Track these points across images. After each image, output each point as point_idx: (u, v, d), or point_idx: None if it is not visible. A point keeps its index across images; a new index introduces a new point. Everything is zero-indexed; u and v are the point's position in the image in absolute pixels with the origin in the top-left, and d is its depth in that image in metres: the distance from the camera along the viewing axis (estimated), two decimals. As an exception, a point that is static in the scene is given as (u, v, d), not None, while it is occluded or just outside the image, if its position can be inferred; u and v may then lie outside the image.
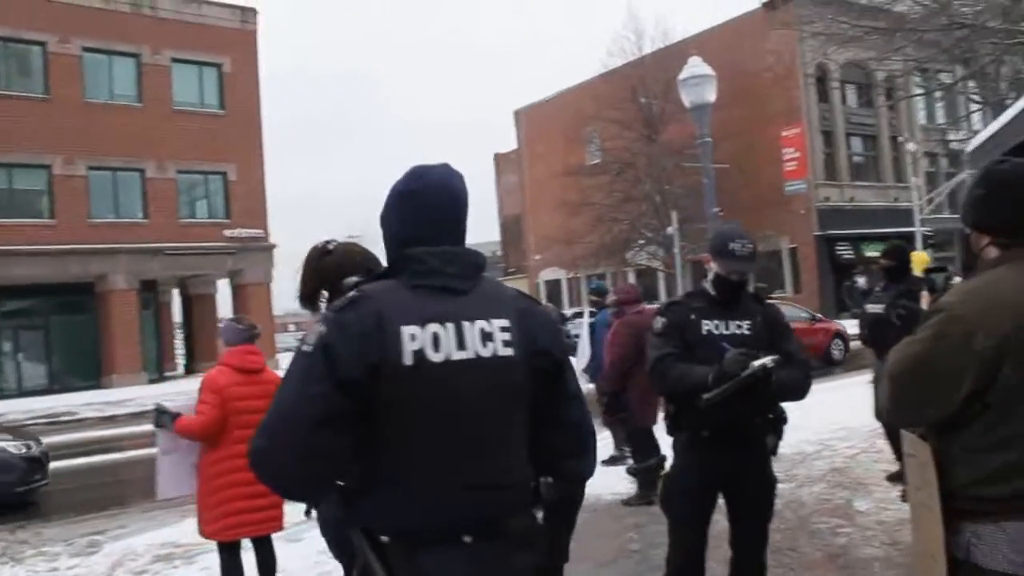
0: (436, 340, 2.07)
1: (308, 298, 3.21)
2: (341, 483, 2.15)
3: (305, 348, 2.05)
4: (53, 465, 12.85)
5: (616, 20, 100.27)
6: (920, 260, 9.75)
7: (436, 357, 2.06)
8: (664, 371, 3.85)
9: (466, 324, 2.11)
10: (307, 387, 2.02)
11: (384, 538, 2.04)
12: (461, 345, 2.09)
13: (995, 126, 5.57)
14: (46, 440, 12.00)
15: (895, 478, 7.03)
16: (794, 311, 21.19)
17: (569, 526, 2.39)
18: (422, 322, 2.07)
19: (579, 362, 10.33)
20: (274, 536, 5.32)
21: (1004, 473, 2.17)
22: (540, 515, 2.22)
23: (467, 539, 2.04)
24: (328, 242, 3.28)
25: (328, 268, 3.15)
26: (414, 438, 2.06)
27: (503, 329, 2.14)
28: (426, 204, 2.23)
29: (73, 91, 29.78)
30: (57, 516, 9.48)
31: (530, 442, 2.22)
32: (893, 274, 7.22)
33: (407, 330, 2.05)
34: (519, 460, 2.18)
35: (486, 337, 2.12)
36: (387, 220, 2.30)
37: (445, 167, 2.31)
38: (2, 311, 29.78)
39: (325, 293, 3.11)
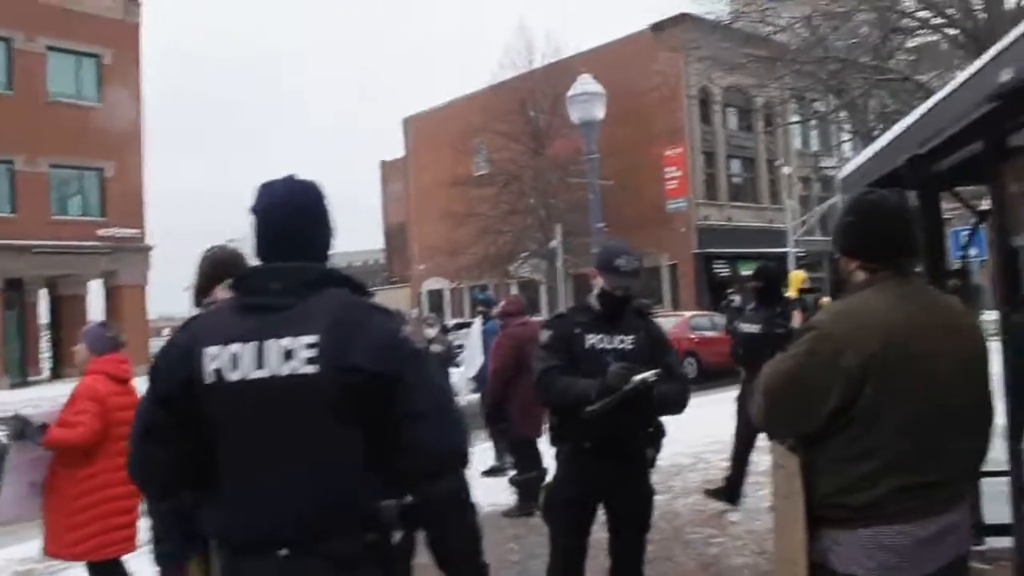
0: (235, 359, 2.12)
1: (196, 301, 3.29)
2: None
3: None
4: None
5: (508, 33, 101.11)
6: (797, 279, 10.14)
7: (233, 376, 2.12)
8: (549, 383, 3.92)
9: (269, 342, 2.11)
10: (142, 402, 2.31)
11: (214, 543, 2.20)
12: (260, 364, 2.11)
13: (863, 157, 5.87)
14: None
15: (722, 493, 7.33)
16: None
17: (454, 551, 2.24)
18: (225, 342, 2.15)
19: (467, 371, 10.38)
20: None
21: (864, 483, 2.31)
22: (396, 537, 2.14)
23: (282, 553, 2.07)
24: (210, 248, 3.32)
25: (201, 273, 3.25)
26: (223, 453, 2.17)
27: (308, 346, 2.09)
28: (265, 221, 2.28)
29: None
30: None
31: (385, 463, 2.13)
32: (763, 295, 7.46)
33: (209, 351, 2.15)
34: (336, 480, 2.09)
35: (288, 355, 2.10)
36: (252, 234, 2.36)
37: (286, 181, 2.32)
38: None
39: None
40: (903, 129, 4.84)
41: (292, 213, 2.27)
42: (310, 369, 2.08)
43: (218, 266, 3.19)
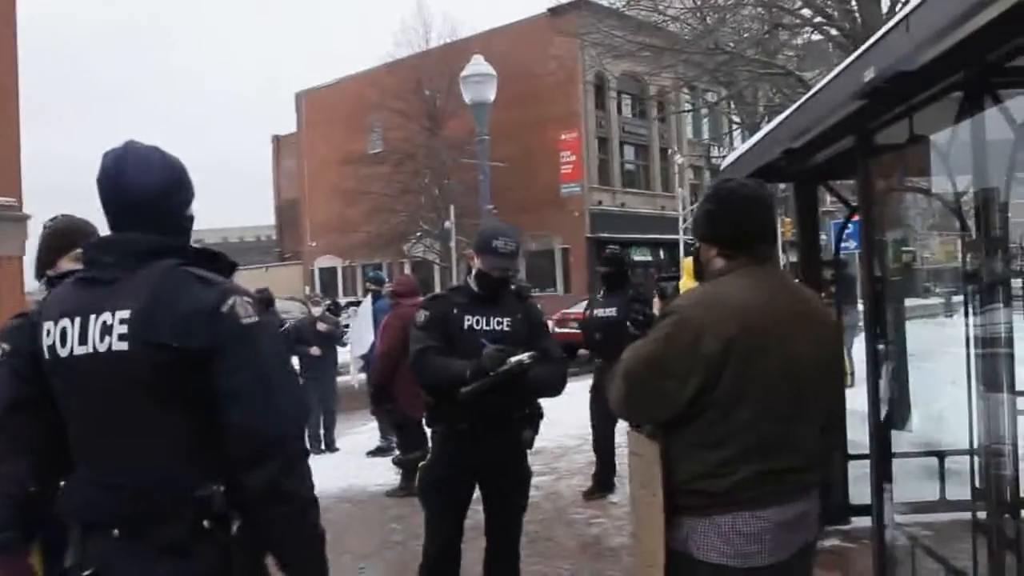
0: (64, 335, 2.09)
1: (36, 275, 3.16)
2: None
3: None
4: None
5: (405, 11, 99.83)
6: (689, 266, 10.41)
7: (63, 352, 2.09)
8: (424, 364, 3.93)
9: (92, 317, 2.06)
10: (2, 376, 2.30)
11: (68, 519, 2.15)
12: (83, 339, 2.06)
13: (743, 148, 6.05)
14: None
15: (596, 490, 7.32)
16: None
17: (285, 549, 2.09)
18: (57, 317, 2.12)
19: (355, 349, 10.29)
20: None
21: (721, 469, 2.35)
22: (236, 525, 2.03)
23: (115, 532, 2.02)
24: (53, 218, 3.18)
25: (42, 244, 3.10)
26: (69, 430, 2.16)
27: (122, 321, 2.02)
28: (102, 190, 2.19)
29: None
30: None
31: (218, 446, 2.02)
32: (612, 280, 7.45)
33: (45, 325, 2.14)
34: (156, 462, 2.01)
35: (105, 331, 2.03)
36: None
37: (124, 148, 2.20)
38: None
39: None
40: (779, 123, 4.99)
41: (128, 182, 2.14)
42: (123, 346, 2.01)
43: (62, 236, 3.06)
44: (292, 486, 2.03)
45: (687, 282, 7.02)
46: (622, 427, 6.86)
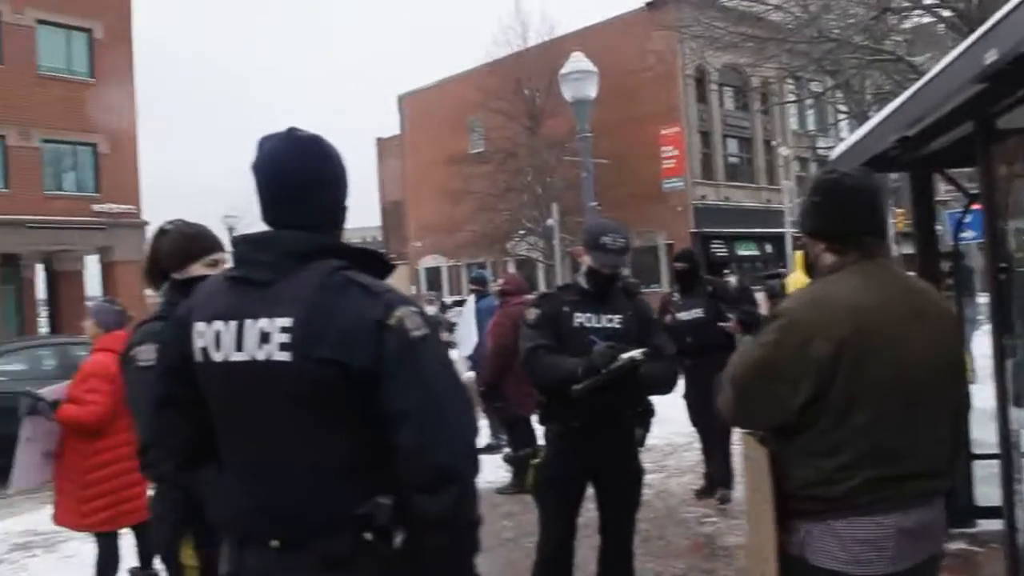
0: (218, 338, 1.95)
1: (148, 278, 3.30)
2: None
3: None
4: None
5: (503, 11, 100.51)
6: (801, 259, 10.05)
7: (217, 356, 1.95)
8: (535, 362, 3.94)
9: (248, 322, 1.91)
10: (154, 372, 2.20)
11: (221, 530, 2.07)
12: (240, 345, 1.92)
13: (854, 137, 5.87)
14: None
15: (704, 493, 7.11)
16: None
17: (446, 567, 1.96)
18: (210, 319, 1.98)
19: (462, 350, 10.38)
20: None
21: (836, 475, 2.25)
22: (399, 539, 1.90)
23: (274, 544, 1.91)
24: (171, 222, 3.25)
25: (158, 249, 3.19)
26: (220, 435, 2.03)
27: (283, 330, 1.87)
28: (259, 179, 2.03)
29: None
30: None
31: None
32: (686, 279, 7.16)
33: (197, 326, 2.00)
34: (316, 476, 1.89)
35: (263, 338, 1.89)
36: None
37: (285, 134, 2.05)
38: None
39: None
40: (893, 110, 4.83)
41: (291, 168, 2.00)
42: (283, 356, 1.87)
43: (196, 241, 3.14)
44: (465, 514, 1.91)
45: (799, 276, 6.83)
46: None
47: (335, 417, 1.88)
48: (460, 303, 23.44)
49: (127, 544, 5.19)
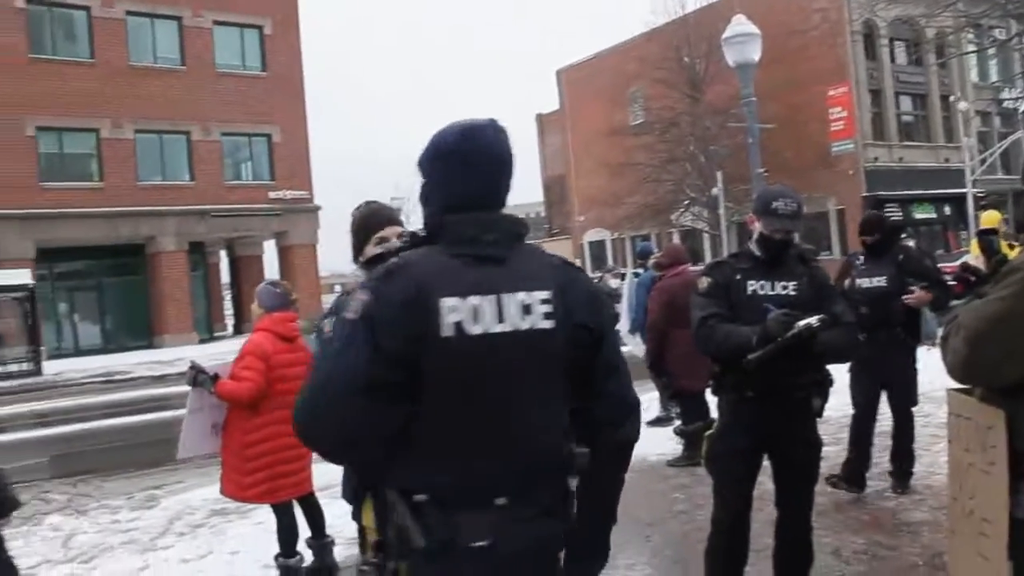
0: (476, 312, 2.04)
1: (356, 258, 3.26)
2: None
3: (348, 316, 2.07)
4: (113, 421, 13.18)
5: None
6: (992, 219, 9.39)
7: (475, 329, 2.04)
8: (709, 332, 3.87)
9: (505, 296, 2.07)
10: (350, 356, 2.04)
11: (420, 497, 2.05)
12: (500, 317, 2.06)
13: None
14: (103, 398, 12.22)
15: (843, 481, 6.37)
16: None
17: (609, 495, 2.34)
18: (463, 294, 2.04)
19: (623, 323, 10.35)
20: (321, 494, 5.46)
21: None
22: (573, 484, 2.20)
23: (499, 502, 2.06)
24: (369, 202, 3.34)
25: (356, 226, 3.22)
26: (451, 407, 2.06)
27: (543, 301, 2.10)
28: (475, 167, 2.16)
29: (118, 54, 30.13)
30: (116, 471, 9.75)
31: (571, 413, 2.20)
32: (875, 246, 6.38)
33: (447, 302, 2.03)
34: (554, 430, 2.15)
35: (525, 309, 2.08)
36: (430, 178, 2.23)
37: (493, 126, 2.21)
38: (57, 272, 30.47)
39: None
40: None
41: (505, 160, 2.21)
42: (547, 324, 2.10)
43: (370, 217, 3.23)
44: (636, 437, 2.32)
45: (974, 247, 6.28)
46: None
47: (565, 373, 2.16)
48: (623, 276, 23.35)
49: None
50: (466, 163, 2.16)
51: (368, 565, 2.35)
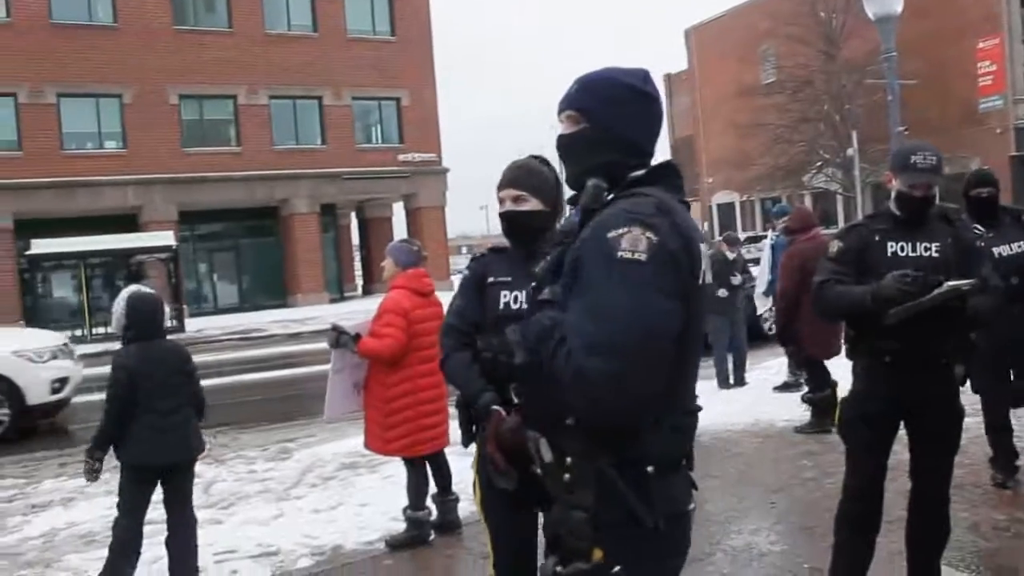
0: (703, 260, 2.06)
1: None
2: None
3: (638, 256, 1.85)
4: (249, 377, 13.65)
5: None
6: None
7: (708, 278, 2.09)
8: (822, 294, 3.76)
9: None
10: (660, 300, 1.85)
11: (650, 468, 1.97)
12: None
13: None
14: (240, 354, 12.70)
15: (998, 483, 5.71)
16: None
17: None
18: (705, 243, 2.07)
19: (759, 287, 10.13)
20: (448, 450, 5.56)
21: None
22: None
23: (684, 463, 2.10)
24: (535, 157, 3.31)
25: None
26: (683, 365, 2.01)
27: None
28: (657, 113, 2.20)
29: (254, 22, 30.99)
30: (251, 424, 10.18)
31: None
32: (987, 208, 5.58)
33: (703, 248, 2.03)
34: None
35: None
36: (621, 117, 2.11)
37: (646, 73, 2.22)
38: (197, 234, 31.87)
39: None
40: None
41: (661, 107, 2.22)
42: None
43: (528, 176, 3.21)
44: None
45: None
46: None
47: None
48: (754, 239, 22.86)
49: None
50: (653, 108, 2.18)
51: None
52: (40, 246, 24.45)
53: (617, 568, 1.93)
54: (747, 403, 8.84)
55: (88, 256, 24.70)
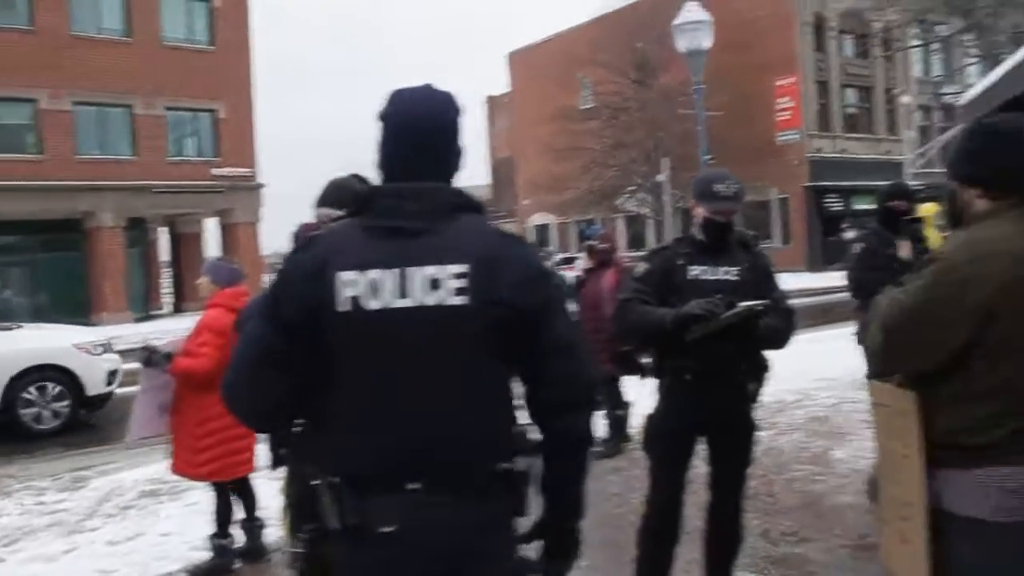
0: (375, 286, 1.99)
1: None
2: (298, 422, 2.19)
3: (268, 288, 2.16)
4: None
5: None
6: (928, 211, 9.48)
7: (373, 304, 1.99)
8: (624, 313, 3.90)
9: (411, 270, 1.99)
10: (257, 327, 2.11)
11: (334, 479, 2.02)
12: (403, 292, 1.99)
13: (990, 79, 5.53)
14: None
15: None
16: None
17: (563, 487, 2.20)
18: (362, 267, 2.00)
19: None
20: (255, 475, 5.39)
21: (985, 423, 2.22)
22: (521, 466, 2.10)
23: (411, 487, 1.99)
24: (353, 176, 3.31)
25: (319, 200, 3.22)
26: (353, 383, 2.03)
27: (457, 276, 1.99)
28: (397, 130, 2.12)
29: (59, 22, 29.28)
30: (42, 452, 9.54)
31: (526, 396, 2.13)
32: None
33: (344, 276, 1.99)
34: (476, 413, 2.04)
35: (434, 284, 1.99)
36: (376, 148, 2.17)
37: (424, 88, 2.17)
38: (-12, 247, 29.62)
39: None
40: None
41: (428, 126, 2.11)
42: (459, 300, 1.99)
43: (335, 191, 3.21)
44: (591, 429, 2.19)
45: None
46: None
47: (496, 354, 2.05)
48: (569, 260, 23.48)
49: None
50: (390, 126, 2.14)
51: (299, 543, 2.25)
52: None
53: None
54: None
55: None
